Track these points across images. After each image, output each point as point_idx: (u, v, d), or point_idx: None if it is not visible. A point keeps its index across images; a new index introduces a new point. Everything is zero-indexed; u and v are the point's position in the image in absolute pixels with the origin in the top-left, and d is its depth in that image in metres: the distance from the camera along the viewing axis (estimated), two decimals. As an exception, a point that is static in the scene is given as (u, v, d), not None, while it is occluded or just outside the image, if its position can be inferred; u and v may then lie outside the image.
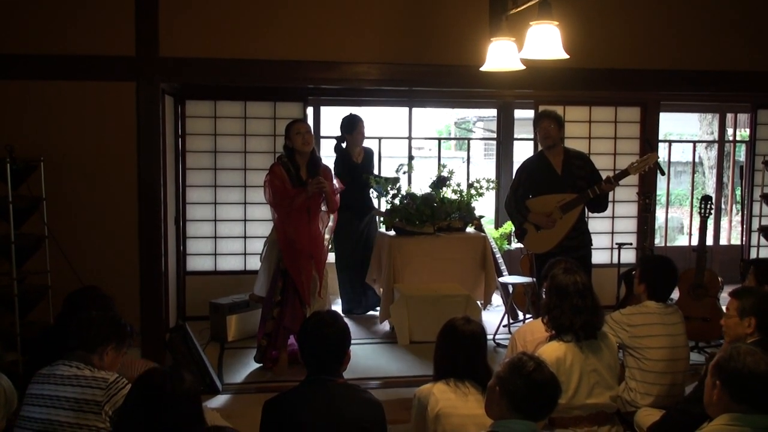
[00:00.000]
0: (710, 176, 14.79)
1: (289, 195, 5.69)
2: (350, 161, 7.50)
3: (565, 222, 5.87)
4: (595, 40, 6.31)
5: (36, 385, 3.31)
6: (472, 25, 6.03)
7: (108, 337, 3.44)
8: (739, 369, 2.76)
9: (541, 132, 6.01)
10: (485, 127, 17.75)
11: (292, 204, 5.68)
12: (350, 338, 3.27)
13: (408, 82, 6.63)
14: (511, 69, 4.95)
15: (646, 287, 4.44)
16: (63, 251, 5.56)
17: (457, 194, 7.67)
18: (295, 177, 5.78)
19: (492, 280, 7.36)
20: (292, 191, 5.71)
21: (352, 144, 7.55)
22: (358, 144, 7.59)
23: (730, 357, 2.81)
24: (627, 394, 4.28)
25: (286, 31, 5.95)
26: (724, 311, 3.94)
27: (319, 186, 5.69)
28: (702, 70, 6.57)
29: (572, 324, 3.77)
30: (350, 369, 3.37)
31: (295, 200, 5.68)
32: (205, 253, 7.67)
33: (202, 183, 7.61)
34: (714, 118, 12.29)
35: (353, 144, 7.55)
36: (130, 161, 5.78)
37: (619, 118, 8.31)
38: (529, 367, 2.78)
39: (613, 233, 8.33)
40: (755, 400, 2.76)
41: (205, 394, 5.24)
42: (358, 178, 7.40)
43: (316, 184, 5.69)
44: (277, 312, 5.84)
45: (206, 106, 7.56)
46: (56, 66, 5.69)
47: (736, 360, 2.79)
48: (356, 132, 7.49)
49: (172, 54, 5.77)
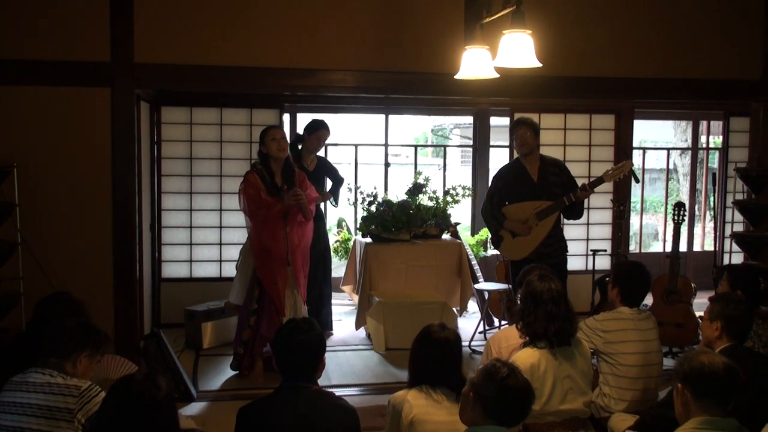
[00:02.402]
0: (684, 183, 14.93)
1: (265, 205, 5.64)
2: (300, 165, 6.76)
3: (540, 229, 5.90)
4: (570, 49, 6.37)
5: (7, 392, 3.27)
6: (448, 34, 6.07)
7: (82, 344, 3.41)
8: (695, 366, 2.85)
9: (517, 139, 6.03)
10: (462, 134, 17.81)
11: (269, 213, 5.66)
12: (325, 345, 3.27)
13: (384, 90, 6.65)
14: (485, 77, 4.98)
15: (618, 292, 4.47)
16: (36, 258, 5.52)
17: (434, 201, 7.69)
18: (270, 184, 5.74)
19: (468, 286, 7.38)
20: (267, 200, 5.66)
21: (306, 148, 7.05)
22: (313, 150, 7.07)
23: (685, 359, 2.92)
24: (601, 400, 4.30)
25: (262, 39, 5.96)
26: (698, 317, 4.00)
27: (296, 198, 5.64)
28: (674, 79, 6.67)
29: (546, 331, 3.79)
30: (325, 375, 3.37)
31: (271, 210, 5.65)
32: (180, 260, 7.63)
33: (177, 190, 7.58)
34: (688, 126, 12.41)
35: (307, 149, 7.05)
36: (104, 167, 5.76)
37: (593, 126, 8.37)
38: (503, 373, 2.79)
39: (588, 240, 8.38)
40: (716, 394, 2.81)
41: (179, 402, 5.21)
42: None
43: (293, 196, 5.62)
44: (254, 320, 5.81)
45: (182, 113, 7.53)
46: (30, 71, 5.67)
47: (691, 359, 2.89)
48: (314, 136, 6.97)
49: (147, 60, 5.77)
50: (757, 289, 4.91)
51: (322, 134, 7.00)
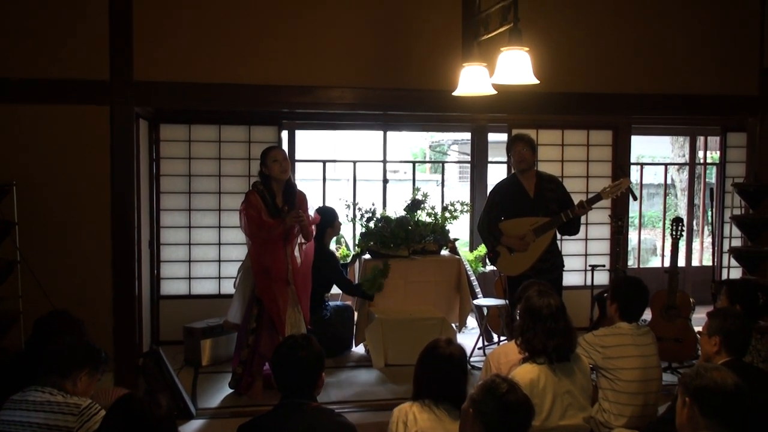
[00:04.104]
0: (682, 198, 14.92)
1: (266, 226, 5.64)
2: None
3: (538, 245, 5.90)
4: (567, 65, 6.40)
5: (7, 411, 3.27)
6: (445, 51, 6.10)
7: (82, 362, 3.42)
8: (706, 384, 2.81)
9: (515, 156, 6.05)
10: (460, 150, 17.84)
11: (270, 234, 5.66)
12: (324, 362, 3.27)
13: (382, 106, 6.68)
14: (482, 94, 5.00)
15: (617, 307, 4.48)
16: (35, 276, 5.51)
17: (432, 217, 7.70)
18: (272, 205, 5.75)
19: (467, 302, 7.37)
20: (269, 222, 5.66)
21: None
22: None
23: (696, 374, 2.87)
24: (600, 415, 4.30)
25: (260, 56, 5.99)
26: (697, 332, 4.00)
27: (298, 219, 5.67)
28: (671, 94, 6.70)
29: (545, 347, 3.79)
30: (324, 392, 3.37)
31: (272, 231, 5.66)
32: (179, 277, 7.62)
33: (176, 207, 7.58)
34: (685, 141, 12.44)
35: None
36: (103, 185, 5.77)
37: (591, 142, 8.39)
38: (502, 389, 2.78)
39: (587, 255, 8.39)
40: (724, 414, 2.79)
41: (179, 419, 5.21)
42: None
43: (295, 218, 5.65)
44: (252, 339, 5.80)
45: (181, 130, 7.55)
46: (29, 90, 5.69)
47: (703, 376, 2.84)
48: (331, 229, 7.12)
49: (146, 78, 5.79)
50: (755, 304, 4.91)
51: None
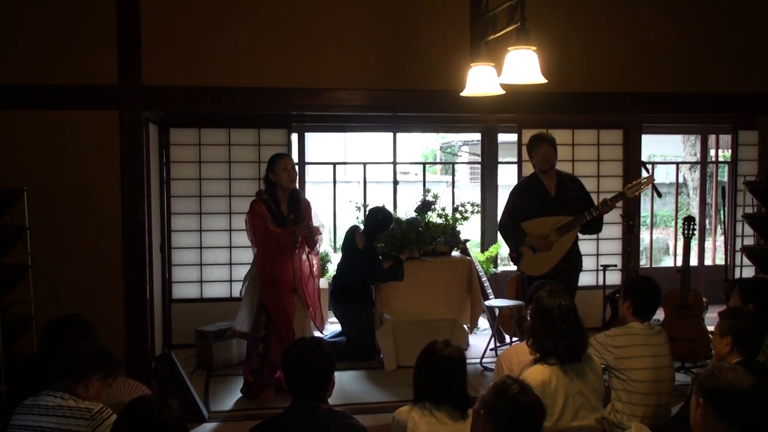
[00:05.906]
0: (694, 197, 14.87)
1: (273, 236, 5.65)
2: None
3: (561, 244, 5.89)
4: (576, 65, 6.37)
5: (20, 415, 3.28)
6: (453, 51, 6.09)
7: (94, 367, 3.42)
8: (721, 385, 2.76)
9: (539, 156, 6.03)
10: (471, 151, 17.80)
11: (278, 245, 5.67)
12: (334, 364, 3.26)
13: (391, 108, 6.68)
14: (491, 93, 4.99)
15: (630, 305, 4.46)
16: (47, 281, 5.53)
17: (443, 218, 7.68)
18: (277, 213, 5.76)
19: (478, 303, 7.36)
20: (276, 232, 5.67)
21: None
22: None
23: (711, 374, 2.82)
24: (613, 416, 4.28)
25: (269, 59, 5.98)
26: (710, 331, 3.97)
27: (308, 232, 5.70)
28: (682, 93, 6.65)
29: (556, 347, 3.78)
30: (335, 395, 3.36)
31: (280, 242, 5.67)
32: (190, 281, 7.64)
33: (187, 210, 7.60)
34: (697, 140, 12.38)
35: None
36: (114, 189, 5.78)
37: (601, 141, 8.36)
38: (514, 390, 2.76)
39: (598, 255, 8.35)
40: (739, 416, 2.76)
41: (191, 423, 5.22)
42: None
43: (305, 229, 5.69)
44: (262, 347, 5.80)
45: (190, 134, 7.57)
46: (39, 95, 5.70)
47: (717, 377, 2.79)
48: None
49: (156, 83, 5.80)
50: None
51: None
